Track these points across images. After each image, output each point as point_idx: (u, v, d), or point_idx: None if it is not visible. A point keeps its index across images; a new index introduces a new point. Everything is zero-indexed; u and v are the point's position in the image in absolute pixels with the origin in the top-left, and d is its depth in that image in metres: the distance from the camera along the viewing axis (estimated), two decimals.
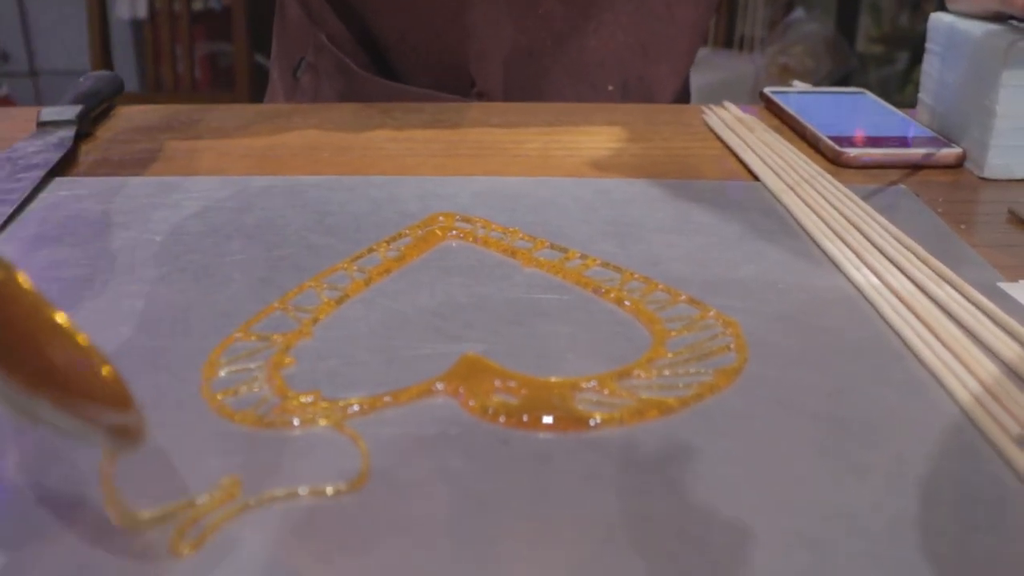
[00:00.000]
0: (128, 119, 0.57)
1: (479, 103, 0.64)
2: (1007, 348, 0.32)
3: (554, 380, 0.30)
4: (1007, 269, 0.39)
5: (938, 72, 0.54)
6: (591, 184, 0.47)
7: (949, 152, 0.51)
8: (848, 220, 0.42)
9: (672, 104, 0.68)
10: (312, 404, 0.29)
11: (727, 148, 0.53)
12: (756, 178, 0.48)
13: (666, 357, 0.32)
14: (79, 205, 0.44)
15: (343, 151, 0.52)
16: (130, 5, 2.14)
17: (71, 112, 0.52)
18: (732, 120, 0.57)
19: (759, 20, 2.19)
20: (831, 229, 0.41)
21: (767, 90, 0.61)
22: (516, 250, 0.39)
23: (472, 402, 0.29)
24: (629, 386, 0.30)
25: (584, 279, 0.37)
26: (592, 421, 0.28)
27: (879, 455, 0.27)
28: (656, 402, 0.29)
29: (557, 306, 0.35)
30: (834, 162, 0.51)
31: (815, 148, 0.53)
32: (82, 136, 0.53)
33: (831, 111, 0.58)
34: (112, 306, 0.35)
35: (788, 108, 0.57)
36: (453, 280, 0.37)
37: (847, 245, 0.40)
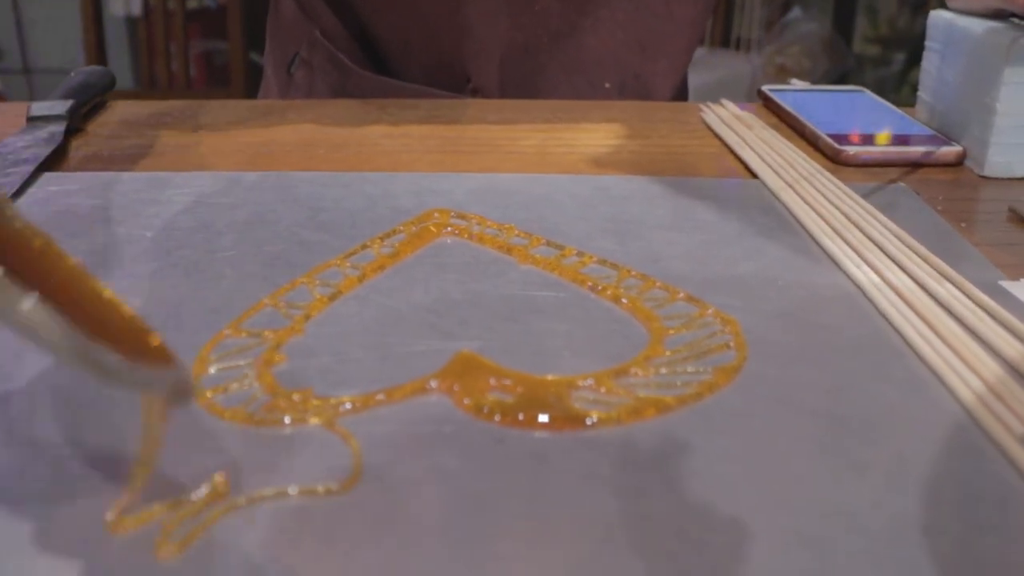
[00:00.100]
0: (119, 114, 0.57)
1: (475, 100, 0.63)
2: (1009, 347, 0.32)
3: (550, 378, 0.30)
4: (1008, 268, 0.38)
5: (938, 70, 0.54)
6: (589, 181, 0.47)
7: (949, 150, 0.50)
8: (848, 218, 0.42)
9: (670, 102, 0.68)
10: (303, 402, 0.28)
11: (725, 146, 0.53)
12: (755, 176, 0.48)
13: (664, 355, 0.31)
14: (68, 200, 0.43)
15: (338, 147, 0.52)
16: (124, 2, 2.13)
17: (61, 107, 0.52)
18: (730, 118, 0.56)
19: (756, 20, 2.19)
20: (830, 226, 0.41)
21: (765, 88, 0.61)
22: (512, 247, 0.39)
23: (467, 400, 0.28)
24: (626, 384, 0.29)
25: (581, 276, 0.37)
26: (589, 420, 0.28)
27: (879, 453, 0.27)
28: (654, 401, 0.29)
29: (553, 303, 0.35)
30: (833, 160, 0.50)
31: (814, 146, 0.53)
32: (72, 131, 0.52)
33: (830, 109, 0.57)
34: None
35: (787, 106, 0.57)
36: (448, 277, 0.36)
37: (847, 243, 0.39)
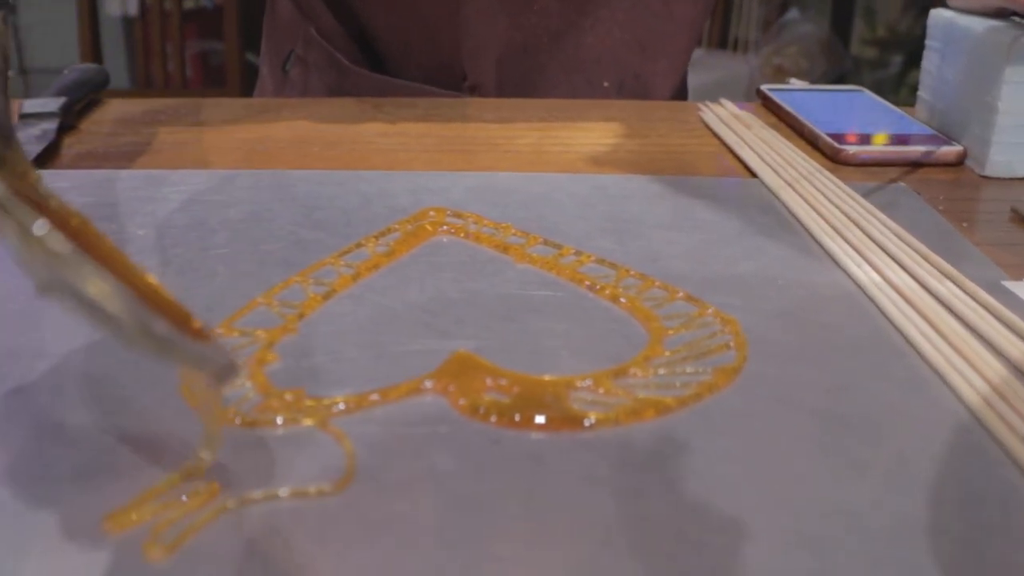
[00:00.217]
0: (113, 112, 0.56)
1: (473, 99, 0.63)
2: (1012, 346, 0.31)
3: (548, 378, 0.29)
4: (1011, 268, 0.38)
5: (938, 69, 0.53)
6: (587, 180, 0.46)
7: (950, 150, 0.50)
8: (848, 217, 0.41)
9: (667, 101, 0.67)
10: (296, 402, 0.28)
11: (724, 145, 0.52)
12: (754, 175, 0.48)
13: (663, 355, 0.31)
14: (61, 198, 0.42)
15: (333, 145, 0.51)
16: (121, 2, 2.13)
17: (54, 104, 0.51)
18: (729, 117, 0.56)
19: (753, 21, 2.19)
20: (830, 225, 0.41)
21: (764, 87, 0.60)
22: (509, 246, 0.38)
23: (462, 400, 0.28)
24: (625, 385, 0.29)
25: (579, 275, 0.36)
26: (587, 421, 0.27)
27: (881, 453, 0.26)
28: (653, 401, 0.28)
29: (551, 303, 0.34)
30: (833, 159, 0.50)
31: (813, 146, 0.52)
32: (65, 129, 0.52)
33: (829, 109, 0.57)
34: None
35: (786, 105, 0.57)
36: (444, 276, 0.36)
37: (847, 242, 0.39)
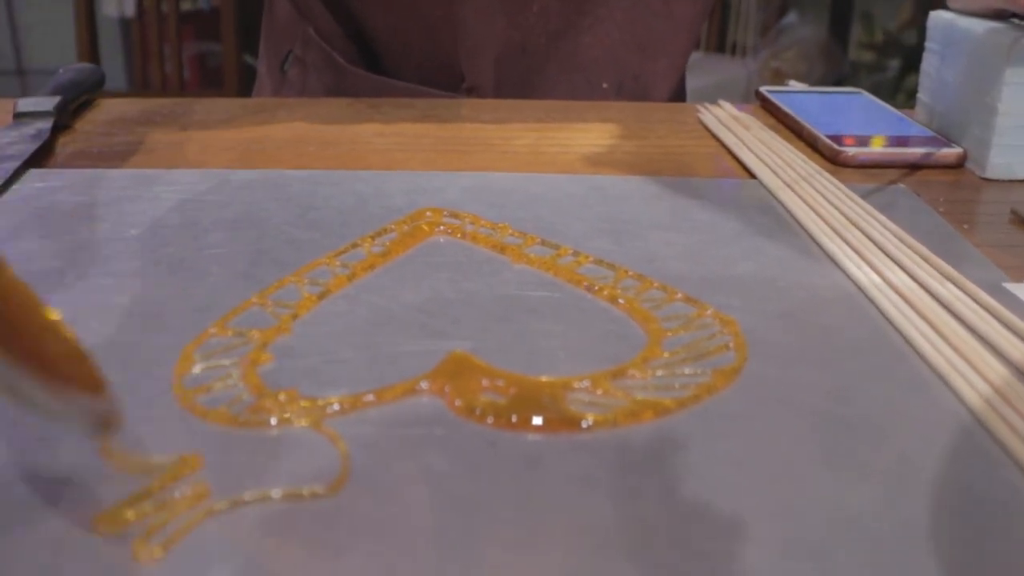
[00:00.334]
0: (108, 112, 0.56)
1: (470, 99, 0.62)
2: (1014, 348, 0.31)
3: (545, 379, 0.29)
4: (1011, 270, 0.38)
5: (937, 71, 0.53)
6: (585, 181, 0.46)
7: (950, 152, 0.50)
8: (847, 218, 0.41)
9: (665, 102, 0.67)
10: (290, 402, 0.27)
11: (723, 146, 0.52)
12: (753, 176, 0.47)
13: (662, 357, 0.30)
14: (53, 197, 0.42)
15: (329, 145, 0.51)
16: (118, 4, 2.12)
17: (49, 103, 0.51)
18: (728, 118, 0.56)
19: (752, 25, 2.19)
20: (830, 227, 0.40)
21: (763, 89, 0.60)
22: (506, 246, 0.38)
23: (458, 401, 0.28)
24: (624, 386, 0.29)
25: (576, 276, 0.36)
26: (584, 422, 0.27)
27: (882, 455, 0.26)
28: (652, 403, 0.28)
29: (548, 303, 0.34)
30: (832, 161, 0.50)
31: (812, 147, 0.52)
32: (60, 128, 0.51)
33: (828, 110, 0.56)
34: (83, 300, 0.33)
35: (785, 107, 0.56)
36: (440, 276, 0.36)
37: (847, 243, 0.39)
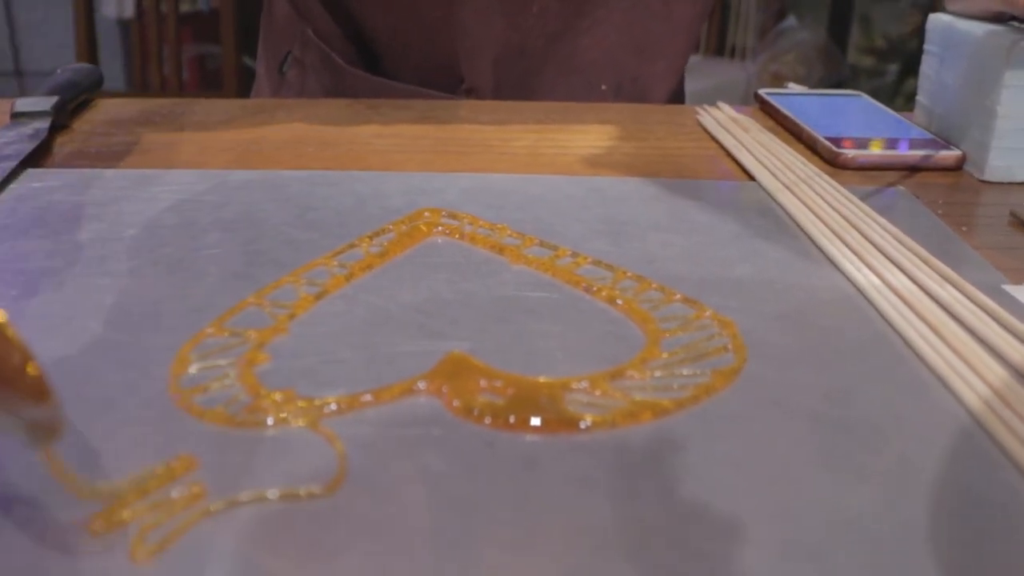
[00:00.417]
0: (106, 112, 0.56)
1: (469, 101, 0.62)
2: (1014, 351, 0.31)
3: (543, 380, 0.29)
4: (1011, 272, 0.38)
5: (936, 73, 0.53)
6: (583, 182, 0.46)
7: (949, 154, 0.50)
8: (847, 220, 0.41)
9: (663, 104, 0.67)
10: (287, 402, 0.27)
11: (722, 148, 0.52)
12: (751, 178, 0.47)
13: (660, 357, 0.30)
14: (50, 197, 0.42)
15: (328, 146, 0.51)
16: (117, 4, 2.12)
17: (46, 103, 0.51)
18: (726, 120, 0.56)
19: (751, 28, 2.19)
20: (829, 228, 0.40)
21: (762, 91, 0.60)
22: (504, 247, 0.38)
23: (456, 402, 0.27)
24: (622, 387, 0.28)
25: (575, 277, 0.36)
26: (582, 423, 0.27)
27: (881, 457, 0.26)
28: (650, 404, 0.28)
29: (546, 304, 0.34)
30: (831, 163, 0.50)
31: (811, 149, 0.52)
32: (58, 128, 0.51)
33: (827, 113, 0.56)
34: (79, 299, 0.33)
35: (784, 109, 0.56)
36: (438, 276, 0.35)
37: (846, 245, 0.39)
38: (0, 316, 0.21)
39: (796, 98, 0.59)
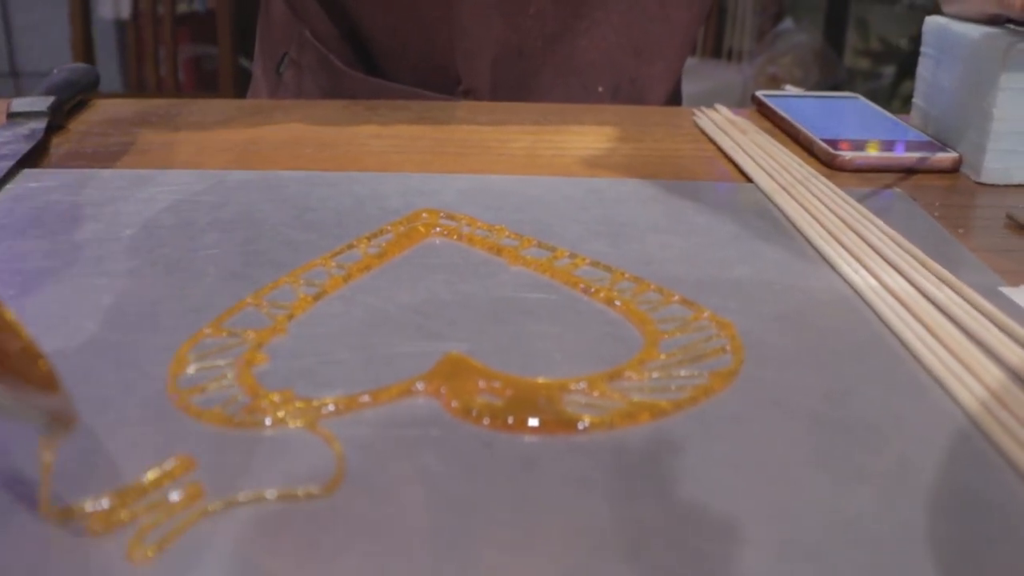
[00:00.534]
0: (103, 112, 0.56)
1: (466, 102, 0.62)
2: (1012, 353, 0.31)
3: (541, 381, 0.29)
4: (1007, 274, 0.38)
5: (933, 76, 0.53)
6: (581, 183, 0.46)
7: (945, 156, 0.50)
8: (844, 222, 0.41)
9: (661, 106, 0.67)
10: (285, 403, 0.27)
11: (719, 150, 0.52)
12: (749, 180, 0.47)
13: (659, 359, 0.30)
14: (47, 197, 0.42)
15: (326, 147, 0.51)
16: (113, 5, 2.12)
17: (43, 103, 0.51)
18: (724, 122, 0.56)
19: (747, 30, 2.19)
20: (826, 230, 0.40)
21: (759, 93, 0.60)
22: (502, 248, 0.38)
23: (455, 403, 0.27)
24: (620, 388, 0.29)
25: (573, 278, 0.36)
26: (581, 424, 0.27)
27: (879, 458, 0.26)
28: (648, 405, 0.28)
29: (544, 305, 0.34)
30: (828, 165, 0.50)
31: (808, 151, 0.52)
32: (54, 128, 0.51)
33: (824, 115, 0.56)
34: (77, 299, 0.33)
35: (781, 111, 0.56)
36: (436, 278, 0.35)
37: (843, 246, 0.39)
38: (9, 314, 0.22)
39: (793, 100, 0.59)
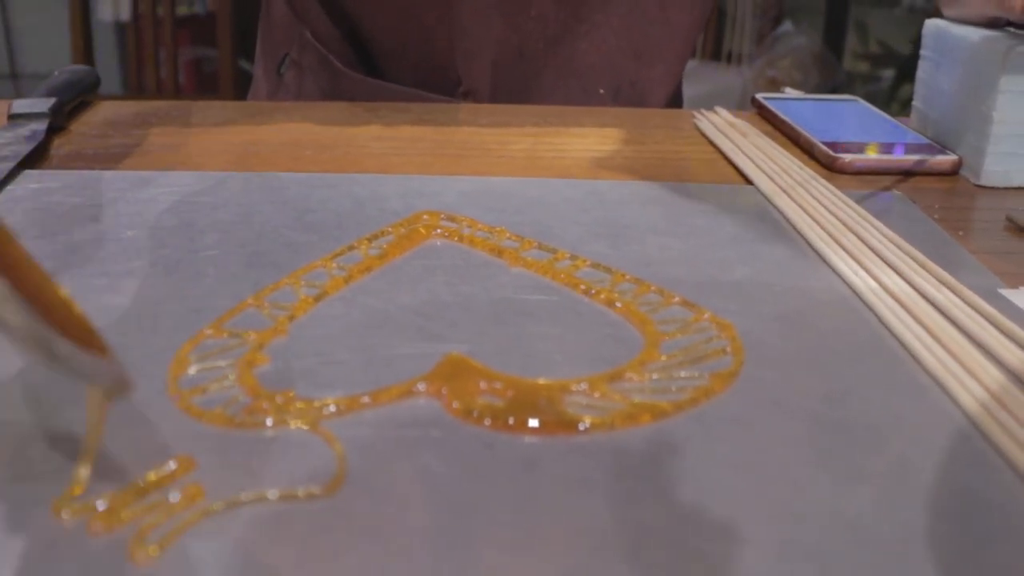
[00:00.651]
0: (104, 114, 0.56)
1: (467, 104, 0.62)
2: (1011, 354, 0.31)
3: (542, 382, 0.29)
4: (1007, 276, 0.38)
5: (933, 79, 0.53)
6: (582, 185, 0.46)
7: (945, 159, 0.50)
8: (844, 224, 0.41)
9: (661, 108, 0.67)
10: (286, 404, 0.27)
11: (719, 152, 0.52)
12: (749, 182, 0.47)
13: (659, 360, 0.30)
14: (49, 198, 0.42)
15: (326, 149, 0.51)
16: (113, 8, 2.12)
17: (44, 105, 0.51)
18: (724, 125, 0.56)
19: (747, 33, 2.19)
20: (827, 232, 0.40)
21: (759, 96, 0.60)
22: (503, 250, 0.38)
23: (456, 404, 0.27)
24: (621, 389, 0.29)
25: (573, 280, 0.36)
26: (581, 425, 0.27)
27: (879, 459, 0.26)
28: (649, 406, 0.28)
29: (545, 307, 0.34)
30: (828, 168, 0.50)
31: (808, 154, 0.52)
32: (55, 129, 0.51)
33: (824, 117, 0.57)
34: (78, 301, 0.33)
35: (781, 114, 0.56)
36: (437, 279, 0.35)
37: (843, 248, 0.39)
38: (64, 292, 0.24)
39: (793, 103, 0.59)
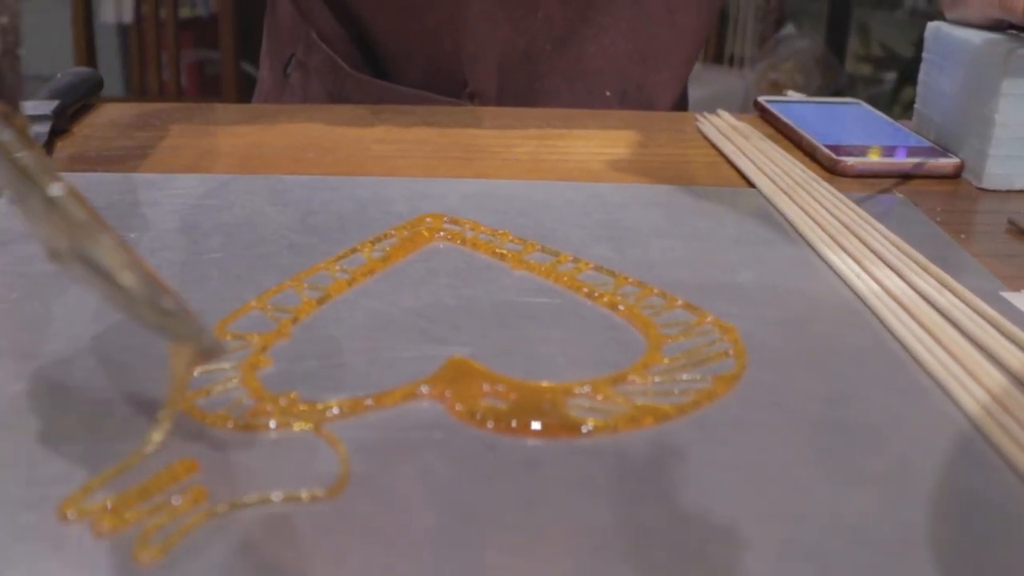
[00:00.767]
0: (107, 116, 0.56)
1: (472, 107, 0.62)
2: (1013, 357, 0.31)
3: (545, 385, 0.29)
4: (1008, 279, 0.38)
5: (935, 81, 0.53)
6: (585, 188, 0.46)
7: (947, 162, 0.50)
8: (846, 227, 0.41)
9: (666, 111, 0.67)
10: (289, 406, 0.27)
11: (722, 155, 0.52)
12: (751, 185, 0.47)
13: (662, 363, 0.30)
14: None
15: (329, 151, 0.51)
16: (116, 9, 2.12)
17: (46, 107, 0.51)
18: (726, 128, 0.56)
19: (749, 37, 2.20)
20: (828, 235, 0.40)
21: (762, 99, 0.60)
22: (506, 253, 0.38)
23: (459, 406, 0.27)
24: (624, 392, 0.29)
25: (576, 283, 0.36)
26: (584, 428, 0.27)
27: (881, 462, 0.26)
28: (652, 409, 0.28)
29: (548, 310, 0.34)
30: (831, 171, 0.50)
31: (811, 157, 0.52)
32: (58, 132, 0.51)
33: (826, 120, 0.57)
34: (80, 303, 0.33)
35: (783, 117, 0.56)
36: (440, 282, 0.36)
37: (845, 251, 0.39)
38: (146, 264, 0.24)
39: (795, 106, 0.59)
